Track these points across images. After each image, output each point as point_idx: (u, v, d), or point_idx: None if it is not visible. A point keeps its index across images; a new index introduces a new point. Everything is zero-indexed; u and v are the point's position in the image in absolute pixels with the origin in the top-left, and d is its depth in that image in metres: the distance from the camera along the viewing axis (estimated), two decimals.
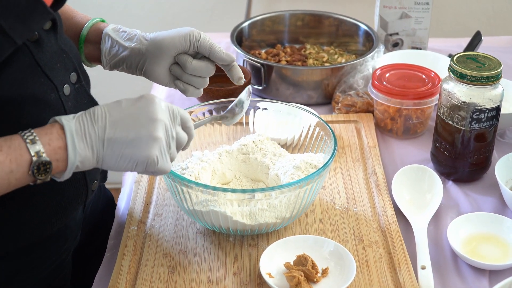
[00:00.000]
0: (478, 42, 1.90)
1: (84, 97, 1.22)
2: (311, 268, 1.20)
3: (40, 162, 1.00)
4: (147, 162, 1.06)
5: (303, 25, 2.01)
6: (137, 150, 1.05)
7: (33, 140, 1.01)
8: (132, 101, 1.07)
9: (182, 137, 1.12)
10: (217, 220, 1.25)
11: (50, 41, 1.13)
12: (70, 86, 1.17)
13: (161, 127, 1.06)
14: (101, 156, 1.05)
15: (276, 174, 1.36)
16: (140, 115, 1.06)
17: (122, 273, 1.24)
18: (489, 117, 1.40)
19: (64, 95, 1.15)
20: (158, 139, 1.05)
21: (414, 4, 1.91)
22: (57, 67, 1.14)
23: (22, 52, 1.07)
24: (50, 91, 1.12)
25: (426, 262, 1.26)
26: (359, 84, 1.72)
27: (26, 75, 1.08)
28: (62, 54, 1.16)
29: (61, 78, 1.15)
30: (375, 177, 1.46)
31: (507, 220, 1.33)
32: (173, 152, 1.10)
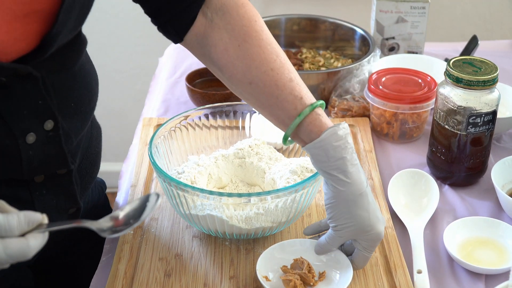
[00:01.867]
0: (475, 47, 1.91)
1: (55, 147, 1.12)
2: (307, 272, 1.20)
3: None
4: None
5: (299, 30, 2.01)
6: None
7: None
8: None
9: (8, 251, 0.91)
10: (213, 224, 1.25)
11: (23, 87, 1.04)
12: (38, 134, 1.08)
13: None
14: None
15: (272, 178, 1.36)
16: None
17: (118, 277, 1.23)
18: (486, 122, 1.40)
19: (25, 143, 1.07)
20: None
21: (410, 9, 1.91)
22: (24, 114, 1.06)
23: None
24: (5, 137, 1.05)
25: (422, 266, 1.26)
26: (355, 88, 1.72)
27: None
28: (38, 101, 1.07)
29: (26, 126, 1.06)
30: (371, 181, 1.46)
31: (503, 225, 1.33)
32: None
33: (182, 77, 1.94)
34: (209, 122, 1.46)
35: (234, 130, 1.48)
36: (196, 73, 1.79)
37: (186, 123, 1.42)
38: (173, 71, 2.00)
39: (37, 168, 1.11)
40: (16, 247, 0.89)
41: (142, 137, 1.63)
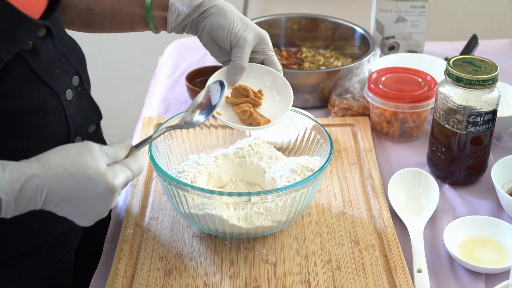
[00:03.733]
0: (475, 46, 1.91)
1: (86, 100, 1.21)
2: (254, 97, 1.27)
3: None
4: (103, 213, 1.02)
5: (299, 29, 2.01)
6: (94, 211, 1.00)
7: None
8: (69, 179, 0.98)
9: (133, 169, 1.04)
10: (213, 223, 1.25)
11: (47, 47, 1.11)
12: (72, 91, 1.16)
13: (115, 194, 1.00)
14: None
15: (272, 177, 1.36)
16: (86, 195, 0.99)
17: (118, 276, 1.23)
18: (486, 121, 1.40)
19: (67, 100, 1.14)
20: (114, 201, 1.01)
21: (410, 8, 1.91)
22: (57, 73, 1.13)
23: (16, 62, 1.05)
24: (50, 99, 1.11)
25: (422, 266, 1.26)
26: (355, 88, 1.72)
27: (23, 86, 1.07)
28: (61, 59, 1.15)
29: (62, 84, 1.14)
30: (371, 180, 1.46)
31: (503, 224, 1.33)
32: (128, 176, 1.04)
33: (182, 76, 1.94)
34: (209, 121, 1.46)
35: (234, 129, 1.48)
36: (196, 72, 1.79)
37: None
38: (173, 70, 2.00)
39: (78, 125, 1.18)
40: (135, 162, 1.04)
41: (142, 136, 1.63)
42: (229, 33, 1.27)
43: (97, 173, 0.98)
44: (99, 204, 1.00)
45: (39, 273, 1.25)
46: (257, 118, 1.27)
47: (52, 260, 1.26)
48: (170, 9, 1.29)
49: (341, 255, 1.28)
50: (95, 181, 0.98)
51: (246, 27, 1.27)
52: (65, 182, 0.97)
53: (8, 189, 0.94)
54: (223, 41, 1.28)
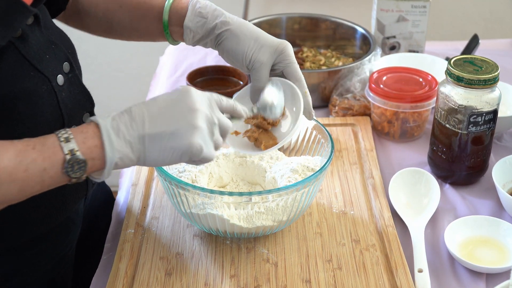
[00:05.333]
0: (475, 45, 1.91)
1: (78, 87, 1.22)
2: (262, 120, 1.28)
3: (74, 160, 1.00)
4: (191, 151, 1.05)
5: (300, 28, 2.01)
6: (180, 140, 1.04)
7: (67, 139, 1.00)
8: (169, 95, 1.07)
9: (225, 123, 1.11)
10: (214, 223, 1.25)
11: (35, 34, 1.13)
12: (63, 76, 1.17)
13: (201, 116, 1.06)
14: (142, 153, 1.04)
15: (273, 177, 1.36)
16: (178, 107, 1.06)
17: (119, 276, 1.24)
18: (486, 120, 1.40)
19: (58, 85, 1.15)
20: (199, 128, 1.05)
21: (411, 7, 1.91)
22: (47, 58, 1.14)
23: (7, 49, 1.07)
24: (41, 83, 1.12)
25: (423, 265, 1.26)
26: (356, 87, 1.72)
27: (15, 71, 1.08)
28: (51, 45, 1.16)
29: (53, 69, 1.15)
30: (372, 180, 1.46)
31: (504, 223, 1.33)
32: (218, 139, 1.10)
33: (182, 76, 1.94)
34: None
35: None
36: (197, 72, 1.79)
37: None
38: (173, 70, 2.00)
39: (71, 110, 1.19)
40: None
41: None
42: (243, 59, 1.26)
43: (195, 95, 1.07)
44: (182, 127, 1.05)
45: (39, 265, 1.26)
46: (262, 142, 1.28)
47: (53, 252, 1.27)
48: (185, 31, 1.29)
49: (342, 255, 1.28)
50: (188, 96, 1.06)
51: (260, 48, 1.26)
52: (161, 102, 1.07)
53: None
54: (240, 66, 1.28)
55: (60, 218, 1.22)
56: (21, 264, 1.23)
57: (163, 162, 1.06)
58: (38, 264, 1.25)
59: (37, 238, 1.22)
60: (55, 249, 1.28)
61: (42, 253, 1.25)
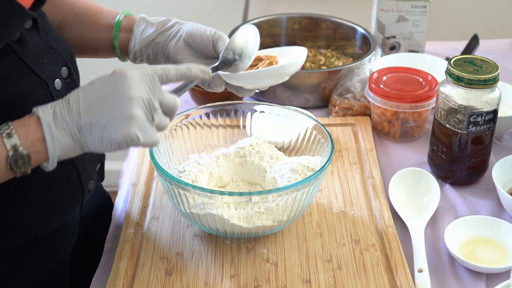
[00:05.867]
0: (476, 45, 1.91)
1: None
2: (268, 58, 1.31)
3: (18, 156, 1.00)
4: (127, 141, 1.03)
5: (300, 28, 2.01)
6: (115, 131, 1.02)
7: (10, 134, 1.00)
8: (104, 80, 1.04)
9: (171, 102, 1.08)
10: (214, 223, 1.25)
11: (33, 38, 1.13)
12: (61, 81, 1.17)
13: (137, 103, 1.03)
14: (83, 142, 1.03)
15: (273, 177, 1.36)
16: (113, 96, 1.03)
17: (119, 276, 1.24)
18: (486, 120, 1.40)
19: (56, 89, 1.15)
20: (134, 117, 1.02)
21: (411, 7, 1.91)
22: (45, 62, 1.14)
23: (5, 52, 1.07)
24: (38, 87, 1.12)
25: (423, 265, 1.26)
26: (356, 87, 1.72)
27: (12, 74, 1.08)
28: (49, 50, 1.16)
29: (51, 73, 1.15)
30: (372, 180, 1.46)
31: (504, 223, 1.33)
32: (161, 122, 1.07)
33: None
34: (210, 121, 1.46)
35: (235, 129, 1.48)
36: None
37: (187, 122, 1.42)
38: None
39: None
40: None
41: None
42: (206, 36, 1.27)
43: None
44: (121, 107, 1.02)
45: (35, 269, 1.25)
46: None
47: (48, 257, 1.27)
48: (134, 30, 1.31)
49: (342, 255, 1.28)
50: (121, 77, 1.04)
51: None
52: (97, 89, 1.04)
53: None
54: (203, 39, 1.27)
55: (55, 224, 1.22)
56: (16, 269, 1.23)
57: (104, 150, 1.05)
58: (34, 269, 1.25)
59: (32, 243, 1.22)
60: (50, 254, 1.27)
61: (37, 258, 1.25)
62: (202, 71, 1.13)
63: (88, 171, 1.25)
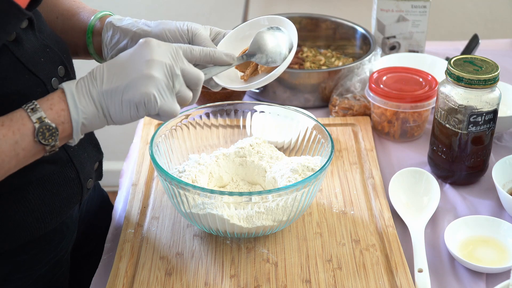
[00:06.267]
0: (476, 45, 1.91)
1: None
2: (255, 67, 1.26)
3: (44, 127, 1.01)
4: (144, 101, 1.04)
5: (300, 28, 2.01)
6: (133, 92, 1.04)
7: (34, 109, 1.02)
8: (129, 51, 1.07)
9: (194, 73, 1.09)
10: (214, 223, 1.25)
11: (29, 38, 1.13)
12: (58, 80, 1.18)
13: (158, 66, 1.05)
14: (106, 110, 1.05)
15: (273, 177, 1.36)
16: (135, 59, 1.06)
17: (119, 276, 1.24)
18: (486, 120, 1.40)
19: (53, 88, 1.16)
20: (153, 78, 1.04)
21: (411, 7, 1.91)
22: (42, 62, 1.15)
23: (1, 52, 1.08)
24: (36, 87, 1.13)
25: (423, 265, 1.26)
26: (356, 87, 1.72)
27: (9, 73, 1.09)
28: (45, 49, 1.17)
29: (48, 72, 1.16)
30: (372, 180, 1.46)
31: (504, 223, 1.33)
32: (183, 91, 1.08)
33: None
34: (210, 121, 1.46)
35: (235, 129, 1.48)
36: None
37: (187, 122, 1.42)
38: None
39: None
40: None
41: (143, 136, 1.63)
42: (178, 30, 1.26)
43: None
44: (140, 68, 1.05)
45: (34, 269, 1.25)
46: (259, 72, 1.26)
47: (47, 257, 1.27)
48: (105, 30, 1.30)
49: (342, 255, 1.28)
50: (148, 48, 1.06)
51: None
52: (120, 58, 1.07)
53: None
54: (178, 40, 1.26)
55: (54, 223, 1.22)
56: (15, 269, 1.23)
57: (126, 117, 1.06)
58: (33, 268, 1.25)
59: (31, 243, 1.22)
60: (50, 253, 1.27)
61: (36, 258, 1.25)
62: (227, 55, 1.15)
63: (86, 170, 1.25)
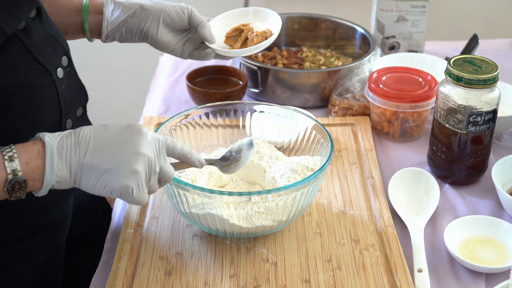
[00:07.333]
0: (475, 45, 1.91)
1: (74, 80, 1.24)
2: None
3: (15, 180, 1.02)
4: (121, 192, 1.06)
5: (300, 28, 2.01)
6: (114, 179, 1.05)
7: (11, 158, 1.02)
8: (120, 129, 1.08)
9: (168, 172, 1.12)
10: (214, 223, 1.25)
11: (37, 28, 1.15)
12: (62, 70, 1.19)
13: (143, 161, 1.06)
14: (78, 179, 1.06)
15: (272, 177, 1.36)
16: (124, 146, 1.06)
17: (119, 276, 1.24)
18: (486, 120, 1.40)
19: (58, 78, 1.17)
20: (136, 173, 1.06)
21: (411, 7, 1.91)
22: (48, 52, 1.16)
23: (11, 40, 1.09)
24: (42, 76, 1.14)
25: (422, 265, 1.26)
26: (356, 87, 1.72)
27: (18, 62, 1.10)
28: (50, 39, 1.18)
29: (53, 62, 1.17)
30: (371, 180, 1.46)
31: (504, 223, 1.33)
32: (154, 186, 1.11)
33: (182, 76, 1.94)
34: (210, 121, 1.46)
35: (235, 129, 1.48)
36: (197, 72, 1.79)
37: (187, 122, 1.42)
38: (173, 70, 2.00)
39: (69, 104, 1.22)
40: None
41: None
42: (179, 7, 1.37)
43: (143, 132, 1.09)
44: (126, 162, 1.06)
45: (33, 256, 1.28)
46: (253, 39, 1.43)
47: (46, 244, 1.30)
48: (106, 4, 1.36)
49: (342, 255, 1.28)
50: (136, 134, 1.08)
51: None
52: (110, 135, 1.08)
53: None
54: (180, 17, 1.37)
55: (57, 210, 1.25)
56: (17, 256, 1.25)
57: (95, 192, 1.07)
58: (33, 256, 1.27)
59: (33, 230, 1.24)
60: (49, 240, 1.30)
61: (37, 245, 1.27)
62: (199, 161, 1.19)
63: None
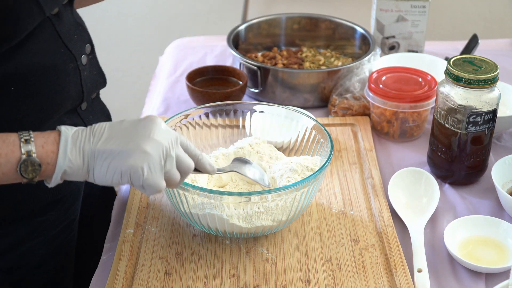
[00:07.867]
0: (475, 45, 1.91)
1: (96, 68, 1.30)
2: None
3: (29, 161, 1.03)
4: (130, 172, 1.05)
5: (299, 28, 2.01)
6: (124, 160, 1.05)
7: (28, 140, 1.04)
8: (134, 121, 1.09)
9: (186, 161, 1.11)
10: (214, 223, 1.25)
11: (68, 14, 1.21)
12: (86, 57, 1.24)
13: (155, 145, 1.06)
14: (91, 167, 1.06)
15: (272, 177, 1.36)
16: (137, 131, 1.07)
17: (119, 276, 1.24)
18: (486, 120, 1.40)
19: (82, 64, 1.23)
20: (146, 154, 1.05)
21: (411, 7, 1.91)
22: (75, 38, 1.22)
23: (45, 24, 1.14)
24: (69, 61, 1.20)
25: (422, 265, 1.26)
26: (356, 87, 1.72)
27: (48, 46, 1.15)
28: (78, 27, 1.24)
29: (79, 49, 1.22)
30: (371, 180, 1.46)
31: (504, 223, 1.33)
32: (173, 173, 1.09)
33: (182, 76, 1.94)
34: (210, 121, 1.46)
35: (235, 129, 1.48)
36: (197, 72, 1.79)
37: (187, 122, 1.42)
38: (173, 70, 2.00)
39: (90, 88, 1.29)
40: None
41: None
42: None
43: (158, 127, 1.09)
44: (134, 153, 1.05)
45: (48, 230, 1.32)
46: None
47: (60, 218, 1.34)
48: None
49: (342, 255, 1.28)
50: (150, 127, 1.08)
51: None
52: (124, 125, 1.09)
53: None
54: None
55: (72, 186, 1.30)
56: (32, 230, 1.29)
57: (106, 180, 1.07)
58: (47, 229, 1.31)
59: (49, 205, 1.28)
60: (63, 215, 1.34)
61: (51, 219, 1.31)
62: (210, 165, 1.18)
63: None
